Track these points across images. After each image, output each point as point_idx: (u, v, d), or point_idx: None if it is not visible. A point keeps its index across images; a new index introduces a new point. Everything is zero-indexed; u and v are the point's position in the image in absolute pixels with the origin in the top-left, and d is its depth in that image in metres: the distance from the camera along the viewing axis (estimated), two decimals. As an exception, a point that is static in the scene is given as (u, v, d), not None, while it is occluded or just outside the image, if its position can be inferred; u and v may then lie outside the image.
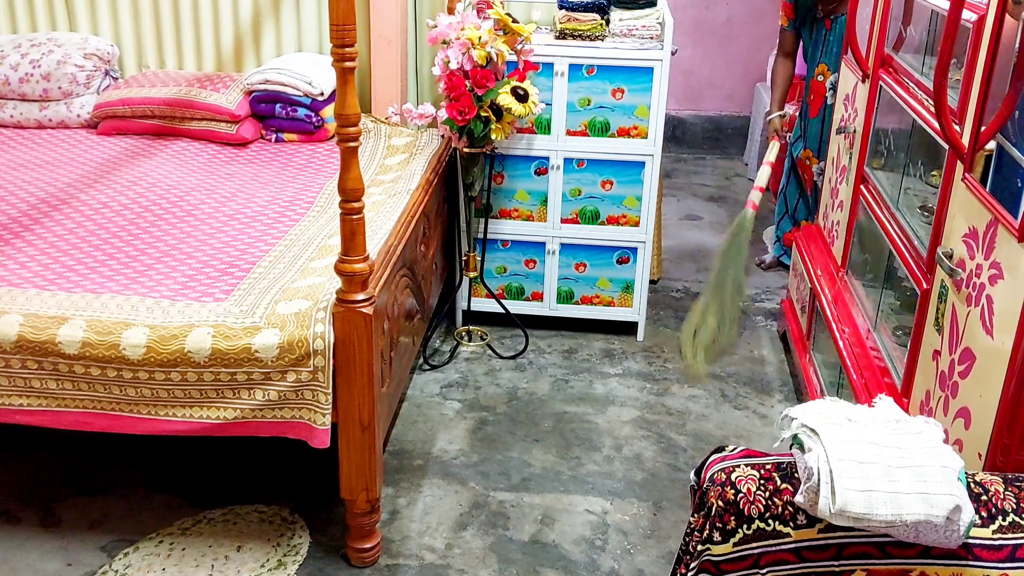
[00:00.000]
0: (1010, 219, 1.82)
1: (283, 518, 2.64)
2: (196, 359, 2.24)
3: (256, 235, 2.81)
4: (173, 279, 2.52)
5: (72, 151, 3.51)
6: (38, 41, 3.78)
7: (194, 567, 2.45)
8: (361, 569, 2.48)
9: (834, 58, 3.77)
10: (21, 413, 2.35)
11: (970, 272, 2.03)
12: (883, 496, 1.54)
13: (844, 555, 1.62)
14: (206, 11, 3.82)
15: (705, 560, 1.65)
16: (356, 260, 2.22)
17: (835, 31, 3.76)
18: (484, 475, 2.86)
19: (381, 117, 3.66)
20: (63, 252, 2.67)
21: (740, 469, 1.67)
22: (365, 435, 2.33)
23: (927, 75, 2.50)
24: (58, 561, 2.47)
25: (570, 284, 3.63)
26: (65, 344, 2.26)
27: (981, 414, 1.91)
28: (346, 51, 2.04)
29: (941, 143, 2.28)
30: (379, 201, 2.99)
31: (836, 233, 3.25)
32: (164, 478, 2.80)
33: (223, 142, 3.58)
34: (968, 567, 1.60)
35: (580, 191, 3.47)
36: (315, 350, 2.23)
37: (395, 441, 3.01)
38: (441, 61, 3.12)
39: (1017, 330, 1.76)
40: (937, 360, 2.20)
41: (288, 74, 3.52)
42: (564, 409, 3.22)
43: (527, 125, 3.40)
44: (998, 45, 1.94)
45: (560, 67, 3.31)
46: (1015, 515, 1.62)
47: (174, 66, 3.94)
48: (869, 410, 1.74)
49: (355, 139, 2.13)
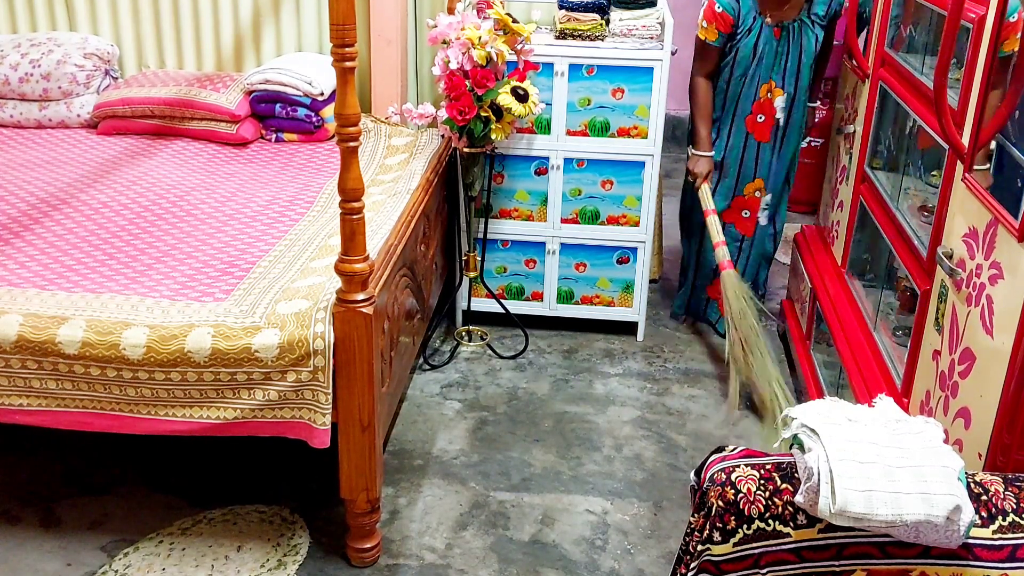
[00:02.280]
0: (1010, 219, 1.82)
1: (283, 518, 2.64)
2: (196, 359, 2.24)
3: (256, 235, 2.81)
4: (173, 279, 2.52)
5: (72, 151, 3.51)
6: (38, 41, 3.78)
7: (194, 567, 2.45)
8: (361, 569, 2.48)
9: (787, 73, 3.27)
10: (21, 413, 2.35)
11: (970, 272, 2.03)
12: (883, 496, 1.54)
13: (844, 555, 1.62)
14: (206, 11, 3.82)
15: (705, 560, 1.65)
16: (356, 260, 2.22)
17: (786, 41, 3.23)
18: (484, 475, 2.86)
19: (381, 117, 3.66)
20: (63, 252, 2.67)
21: (740, 469, 1.67)
22: (365, 435, 2.33)
23: (927, 75, 2.50)
24: (58, 561, 2.47)
25: (570, 284, 3.63)
26: (65, 344, 2.26)
27: (981, 414, 1.91)
28: (346, 51, 2.04)
29: (941, 143, 2.28)
30: (379, 201, 2.99)
31: (836, 233, 3.26)
32: (164, 478, 2.80)
33: (223, 142, 3.58)
34: (968, 567, 1.60)
35: (580, 191, 3.47)
36: (315, 350, 2.23)
37: (395, 441, 3.01)
38: (441, 61, 3.12)
39: (1017, 330, 1.76)
40: (937, 360, 2.20)
41: (288, 74, 3.52)
42: (564, 409, 3.22)
43: (527, 125, 3.40)
44: (998, 45, 1.94)
45: (560, 67, 3.31)
46: (1015, 515, 1.62)
47: (174, 66, 3.94)
48: (869, 410, 1.74)
49: (355, 139, 2.13)
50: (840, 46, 3.49)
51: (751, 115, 3.35)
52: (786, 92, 3.30)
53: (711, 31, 3.25)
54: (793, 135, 3.42)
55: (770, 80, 3.29)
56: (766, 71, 3.28)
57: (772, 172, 3.44)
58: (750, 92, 3.31)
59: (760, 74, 3.29)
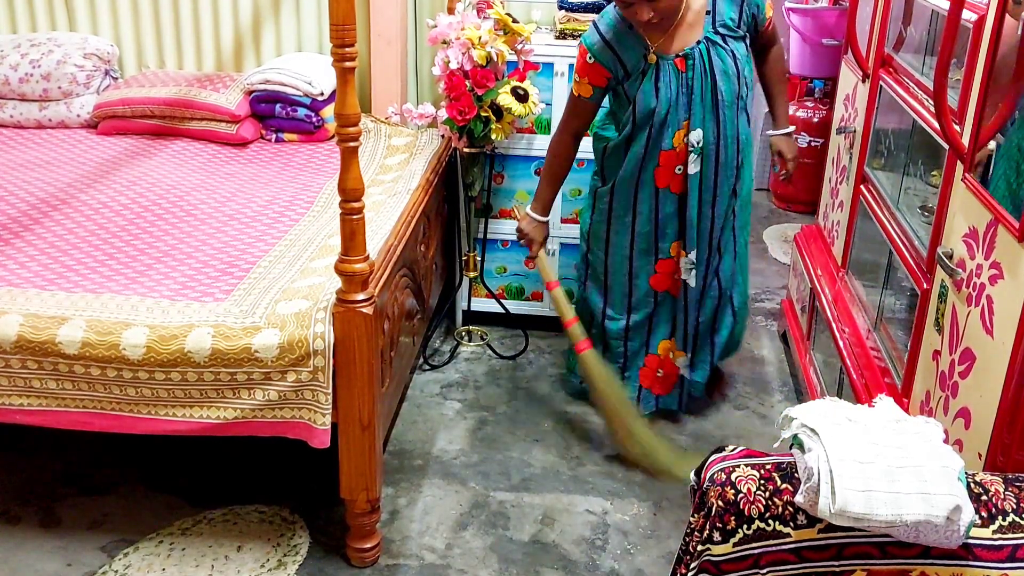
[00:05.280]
0: (1010, 219, 1.82)
1: (283, 518, 2.64)
2: (196, 359, 2.24)
3: (256, 235, 2.81)
4: (173, 279, 2.52)
5: (72, 151, 3.51)
6: (38, 41, 3.78)
7: (194, 567, 2.45)
8: (361, 569, 2.48)
9: (701, 107, 2.65)
10: (21, 413, 2.35)
11: (970, 272, 2.03)
12: (883, 496, 1.54)
13: (844, 555, 1.62)
14: (206, 11, 3.82)
15: (705, 560, 1.65)
16: (356, 260, 2.22)
17: (696, 69, 2.62)
18: (484, 475, 2.86)
19: (381, 117, 3.66)
20: (63, 252, 2.67)
21: (740, 469, 1.67)
22: (365, 435, 2.33)
23: (927, 75, 2.50)
24: (58, 561, 2.47)
25: (570, 284, 3.63)
26: (65, 344, 2.26)
27: (981, 414, 1.91)
28: (346, 51, 2.04)
29: (941, 143, 2.28)
30: (379, 201, 2.99)
31: (836, 233, 3.26)
32: (164, 478, 2.80)
33: (223, 142, 3.58)
34: (968, 567, 1.60)
35: (580, 191, 3.47)
36: (315, 350, 2.23)
37: (395, 441, 3.01)
38: (441, 61, 3.13)
39: (1017, 330, 1.76)
40: (937, 360, 2.20)
41: (288, 74, 3.52)
42: (564, 409, 3.22)
43: (527, 125, 3.40)
44: (998, 45, 1.94)
45: (560, 67, 3.31)
46: (1015, 515, 1.61)
47: (174, 66, 3.94)
48: (869, 410, 1.74)
49: (355, 139, 2.13)
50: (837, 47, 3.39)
51: (659, 167, 2.75)
52: (696, 131, 2.67)
53: (583, 86, 2.72)
54: (726, 180, 2.77)
55: (685, 123, 2.68)
56: (675, 114, 2.67)
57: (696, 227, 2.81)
58: (658, 140, 2.71)
59: (668, 120, 2.67)
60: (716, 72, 2.63)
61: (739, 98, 2.70)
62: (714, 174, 2.75)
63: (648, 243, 2.89)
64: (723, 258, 2.93)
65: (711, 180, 2.76)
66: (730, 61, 2.64)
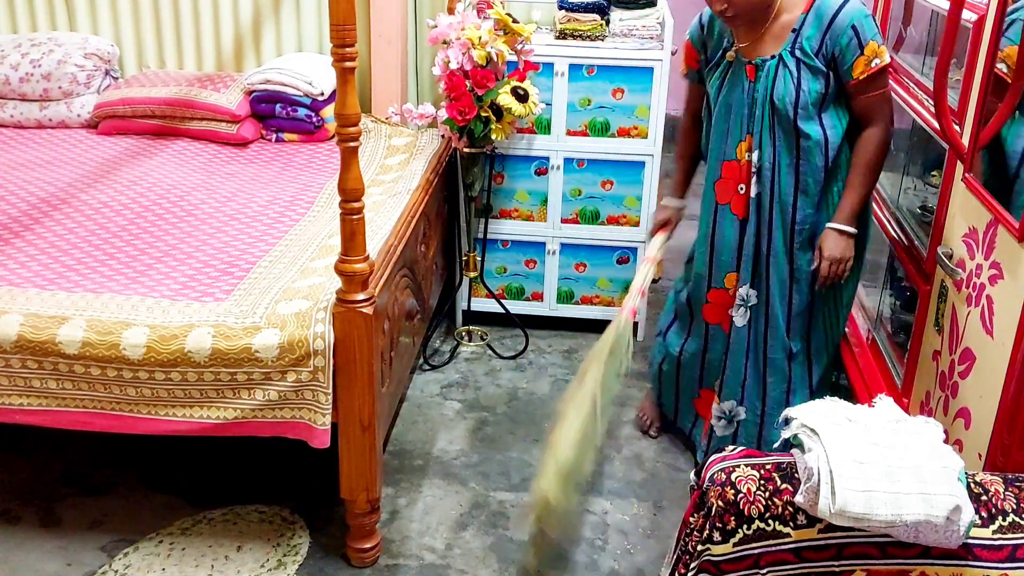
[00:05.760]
0: (1010, 219, 1.82)
1: (283, 518, 2.64)
2: (196, 359, 2.24)
3: (256, 235, 2.81)
4: (173, 279, 2.52)
5: (72, 151, 3.51)
6: (38, 41, 3.78)
7: (194, 567, 2.45)
8: (361, 569, 2.48)
9: (763, 124, 2.43)
10: (21, 413, 2.35)
11: (970, 272, 2.03)
12: (883, 496, 1.54)
13: (844, 555, 1.62)
14: (206, 11, 3.82)
15: (705, 560, 1.66)
16: (356, 260, 2.22)
17: (762, 81, 2.41)
18: (484, 475, 2.86)
19: (381, 117, 3.66)
20: (63, 252, 2.67)
21: (740, 469, 1.67)
22: (365, 435, 2.33)
23: (927, 75, 2.50)
24: (58, 561, 2.47)
25: (570, 284, 3.63)
26: (65, 344, 2.26)
27: (981, 414, 1.91)
28: (346, 51, 2.04)
29: (941, 143, 2.28)
30: (379, 201, 2.99)
31: (836, 233, 3.25)
32: (164, 478, 2.80)
33: (223, 142, 3.58)
34: (968, 567, 1.60)
35: (580, 191, 3.47)
36: (315, 350, 2.23)
37: (395, 441, 3.01)
38: (441, 61, 3.13)
39: (1017, 330, 1.76)
40: (937, 360, 2.20)
41: (288, 74, 3.52)
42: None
43: (527, 125, 3.40)
44: (998, 45, 1.94)
45: (560, 67, 3.31)
46: (1015, 515, 1.62)
47: (174, 66, 3.94)
48: (869, 410, 1.74)
49: (355, 139, 2.13)
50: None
51: (720, 179, 2.59)
52: (757, 151, 2.46)
53: (683, 63, 2.69)
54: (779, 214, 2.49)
55: (748, 136, 2.49)
56: (740, 123, 2.50)
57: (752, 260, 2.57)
58: (719, 147, 2.57)
59: (731, 127, 2.52)
60: (775, 94, 2.39)
61: (798, 135, 2.40)
62: (769, 202, 2.49)
63: (704, 265, 2.70)
64: None
65: (767, 208, 2.50)
66: (791, 89, 2.36)
